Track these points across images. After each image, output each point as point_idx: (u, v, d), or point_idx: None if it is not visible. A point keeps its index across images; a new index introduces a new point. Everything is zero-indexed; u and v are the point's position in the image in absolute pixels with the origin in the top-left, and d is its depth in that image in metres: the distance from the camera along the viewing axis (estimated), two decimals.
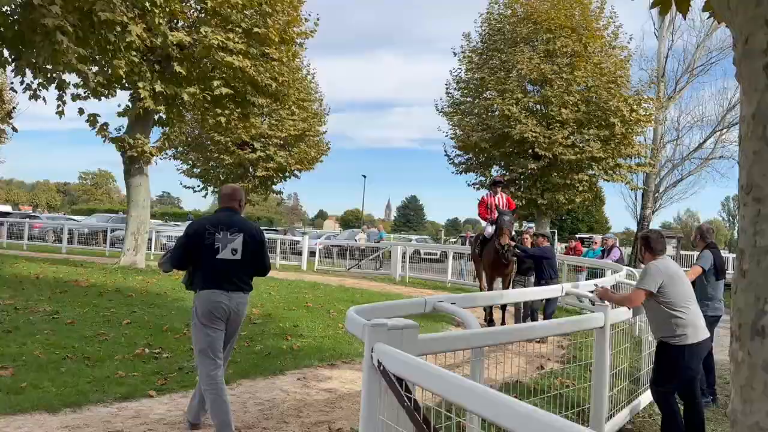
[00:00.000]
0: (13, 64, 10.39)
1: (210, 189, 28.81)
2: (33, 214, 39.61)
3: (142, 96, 14.42)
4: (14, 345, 6.78)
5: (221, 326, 4.37)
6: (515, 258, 9.67)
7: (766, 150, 2.26)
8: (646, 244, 5.15)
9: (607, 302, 5.10)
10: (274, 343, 7.68)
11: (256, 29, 15.25)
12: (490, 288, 10.01)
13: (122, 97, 43.80)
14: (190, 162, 28.70)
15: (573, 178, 22.48)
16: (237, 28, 15.04)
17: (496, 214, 9.89)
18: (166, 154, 26.89)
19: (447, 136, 24.69)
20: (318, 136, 28.97)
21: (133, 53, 13.43)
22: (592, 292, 5.43)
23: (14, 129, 16.42)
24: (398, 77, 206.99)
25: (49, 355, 6.43)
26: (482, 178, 24.60)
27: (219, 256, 4.32)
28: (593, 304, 5.18)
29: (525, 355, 7.47)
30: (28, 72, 10.44)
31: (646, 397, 5.52)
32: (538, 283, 9.19)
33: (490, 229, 10.22)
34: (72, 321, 8.36)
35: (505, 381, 5.77)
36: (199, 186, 28.90)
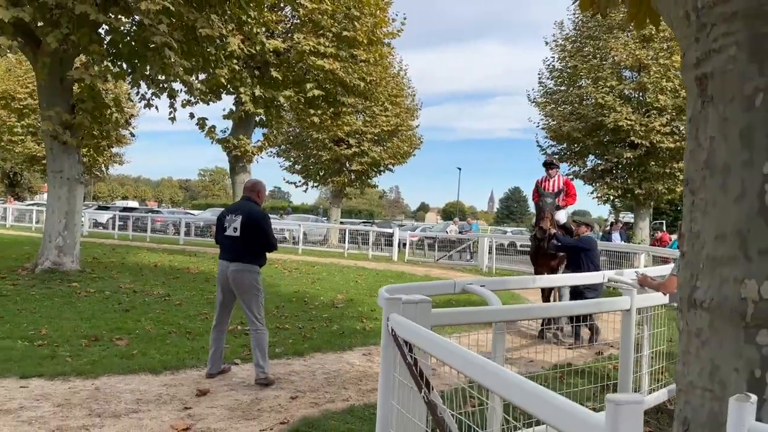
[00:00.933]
0: (130, 77, 11.89)
1: (310, 184, 30.33)
2: (155, 209, 43.31)
3: (243, 100, 15.76)
4: (131, 321, 7.99)
5: (224, 289, 5.64)
6: (558, 247, 8.38)
7: (697, 150, 2.68)
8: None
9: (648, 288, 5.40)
10: (350, 325, 8.45)
11: (345, 33, 16.13)
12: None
13: (228, 101, 46.74)
14: (292, 159, 30.38)
15: (673, 166, 21.67)
16: (327, 33, 16.00)
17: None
18: (270, 151, 28.77)
19: (538, 126, 24.55)
20: (410, 130, 29.68)
21: (235, 62, 14.71)
22: (634, 279, 5.72)
23: (132, 134, 18.37)
24: (500, 65, 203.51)
25: (158, 330, 7.56)
26: (576, 169, 24.23)
27: (225, 233, 5.58)
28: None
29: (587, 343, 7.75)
30: (142, 83, 11.91)
31: None
32: None
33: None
34: (180, 302, 9.58)
35: (557, 363, 6.18)
36: (300, 181, 30.51)
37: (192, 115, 16.66)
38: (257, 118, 17.36)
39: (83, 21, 10.00)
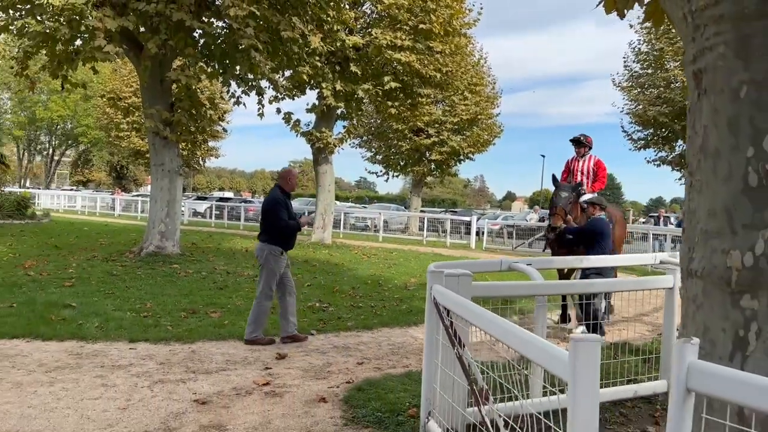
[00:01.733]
0: (222, 76, 12.94)
1: (391, 174, 31.03)
2: (249, 199, 45.49)
3: (325, 95, 16.58)
4: (224, 297, 8.92)
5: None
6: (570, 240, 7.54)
7: (694, 137, 3.05)
8: None
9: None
10: (418, 305, 8.99)
11: (421, 25, 16.56)
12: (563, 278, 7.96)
13: (312, 96, 48.25)
14: (374, 149, 31.20)
15: None
16: (404, 26, 16.50)
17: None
18: (353, 142, 29.71)
19: (622, 111, 23.99)
20: (490, 119, 29.69)
21: (317, 59, 15.53)
22: None
23: (224, 130, 19.66)
24: (592, 49, 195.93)
25: (247, 304, 8.40)
26: (663, 154, 23.52)
27: None
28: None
29: (654, 325, 7.93)
30: (232, 82, 12.93)
31: None
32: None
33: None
34: None
35: (612, 342, 6.47)
36: (381, 171, 31.29)
37: (279, 110, 17.72)
38: (338, 112, 18.15)
39: (179, 27, 11.05)
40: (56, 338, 6.28)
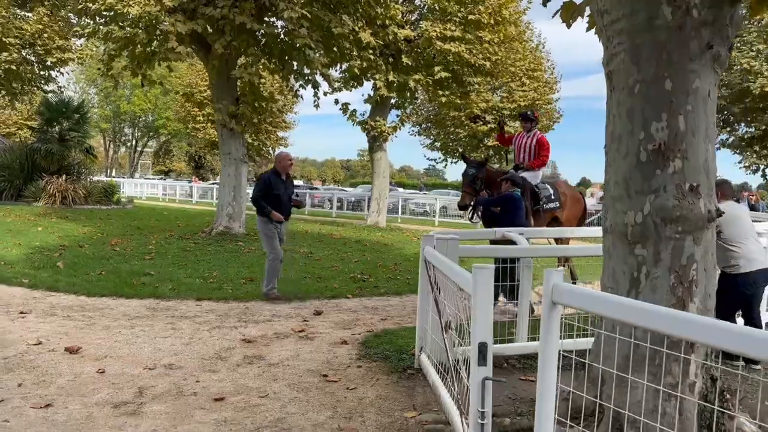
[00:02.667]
0: (281, 72, 14.19)
1: (449, 161, 31.77)
2: (314, 186, 47.33)
3: (378, 86, 17.60)
4: (280, 270, 10.13)
5: None
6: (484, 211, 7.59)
7: (608, 125, 3.89)
8: (717, 190, 6.21)
9: None
10: None
11: (471, 16, 17.27)
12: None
13: (368, 87, 49.28)
14: (432, 137, 32.00)
15: None
16: (454, 18, 17.25)
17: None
18: (412, 130, 30.62)
19: None
20: (549, 104, 29.84)
21: (371, 52, 16.55)
22: None
23: (285, 121, 20.96)
24: None
25: (298, 275, 9.61)
26: (723, 137, 23.19)
27: None
28: None
29: None
30: (291, 77, 14.15)
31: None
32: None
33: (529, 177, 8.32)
34: (319, 258, 11.67)
35: None
36: (440, 158, 32.12)
37: (337, 101, 18.90)
38: (392, 101, 19.14)
39: (242, 29, 12.31)
40: (137, 297, 7.65)
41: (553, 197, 8.30)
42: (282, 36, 12.96)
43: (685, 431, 3.41)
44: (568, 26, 4.51)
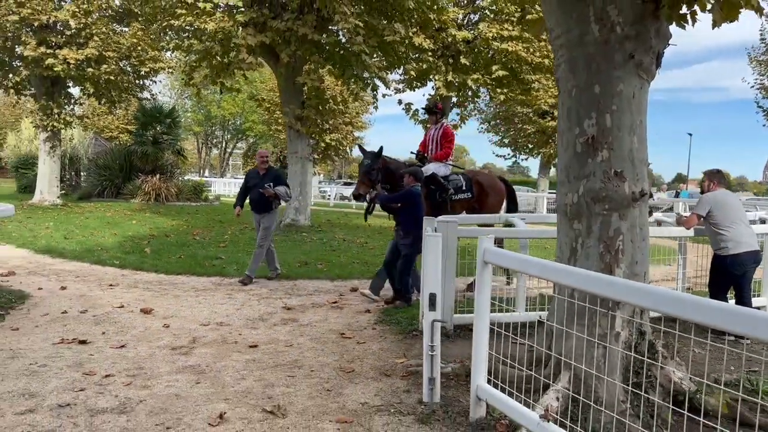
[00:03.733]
0: (342, 77, 15.36)
1: (519, 156, 32.03)
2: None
3: (437, 86, 18.46)
4: (333, 256, 11.29)
5: None
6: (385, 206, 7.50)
7: (558, 122, 4.67)
8: (709, 179, 6.75)
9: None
10: None
11: (528, 16, 17.77)
12: None
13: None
14: (501, 133, 32.37)
15: None
16: (511, 18, 17.82)
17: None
18: (481, 127, 31.13)
19: (752, 87, 23.02)
20: None
21: (429, 54, 17.45)
22: (674, 219, 7.17)
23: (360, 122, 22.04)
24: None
25: (348, 260, 10.71)
26: None
27: None
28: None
29: None
30: (351, 82, 15.29)
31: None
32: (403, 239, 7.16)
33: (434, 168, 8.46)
34: (372, 248, 12.72)
35: None
36: (509, 154, 32.43)
37: (400, 102, 19.91)
38: (453, 100, 19.92)
39: (305, 39, 13.56)
40: (206, 275, 8.98)
41: (464, 188, 8.47)
42: (341, 44, 14.09)
43: (611, 372, 4.16)
44: (538, 39, 5.28)
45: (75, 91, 22.79)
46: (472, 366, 4.04)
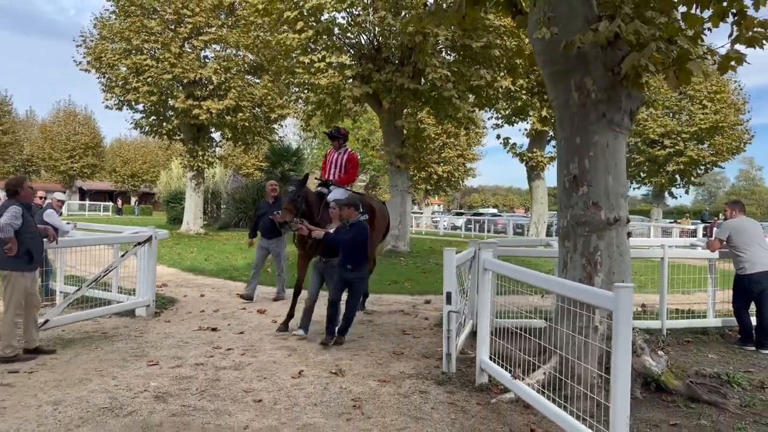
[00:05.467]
0: (436, 117, 17.09)
1: (630, 185, 31.77)
2: (497, 213, 49.34)
3: (533, 122, 19.66)
4: (422, 276, 12.87)
5: None
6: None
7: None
8: (731, 209, 7.68)
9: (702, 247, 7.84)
10: None
11: None
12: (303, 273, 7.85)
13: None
14: None
15: None
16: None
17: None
18: None
19: None
20: (737, 125, 28.64)
21: (523, 93, 18.76)
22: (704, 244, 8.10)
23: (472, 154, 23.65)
24: None
25: (434, 280, 12.25)
26: None
27: None
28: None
29: None
30: (445, 122, 16.97)
31: None
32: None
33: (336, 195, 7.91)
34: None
35: None
36: None
37: (498, 136, 21.32)
38: (549, 134, 20.97)
39: (403, 88, 15.48)
40: None
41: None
42: (435, 90, 15.86)
43: (588, 357, 5.42)
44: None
45: (216, 135, 26.39)
46: (477, 346, 5.49)
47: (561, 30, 5.48)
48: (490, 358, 5.37)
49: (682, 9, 5.59)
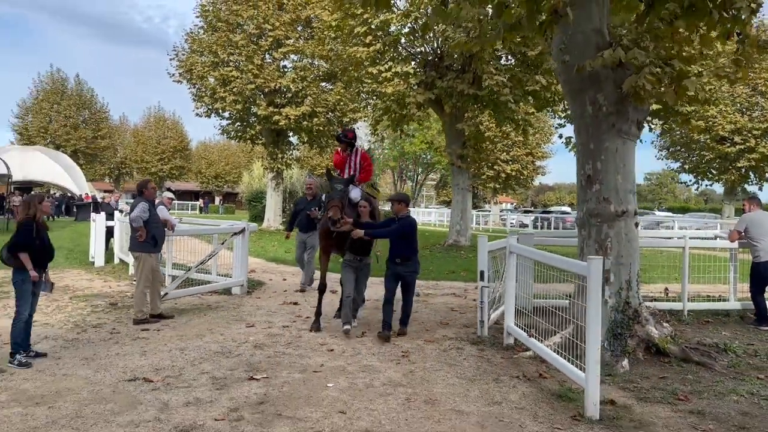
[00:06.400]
0: (495, 120, 18.18)
1: (701, 182, 31.52)
2: (567, 211, 49.27)
3: None
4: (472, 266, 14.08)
5: None
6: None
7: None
8: (748, 203, 8.55)
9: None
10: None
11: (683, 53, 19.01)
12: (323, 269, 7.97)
13: None
14: (681, 160, 32.19)
15: None
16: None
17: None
18: (660, 154, 31.44)
19: None
20: None
21: None
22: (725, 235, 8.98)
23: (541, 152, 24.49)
24: None
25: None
26: None
27: None
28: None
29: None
30: (504, 124, 18.02)
31: None
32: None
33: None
34: None
35: None
36: (691, 180, 32.05)
37: (561, 136, 22.08)
38: None
39: (462, 93, 16.70)
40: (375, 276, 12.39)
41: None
42: (493, 95, 16.99)
43: (602, 325, 6.55)
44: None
45: (294, 139, 28.41)
46: (504, 313, 6.75)
47: (577, 55, 6.64)
48: (516, 325, 6.62)
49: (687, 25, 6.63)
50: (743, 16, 6.43)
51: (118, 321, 7.68)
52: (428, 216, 48.95)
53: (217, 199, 68.65)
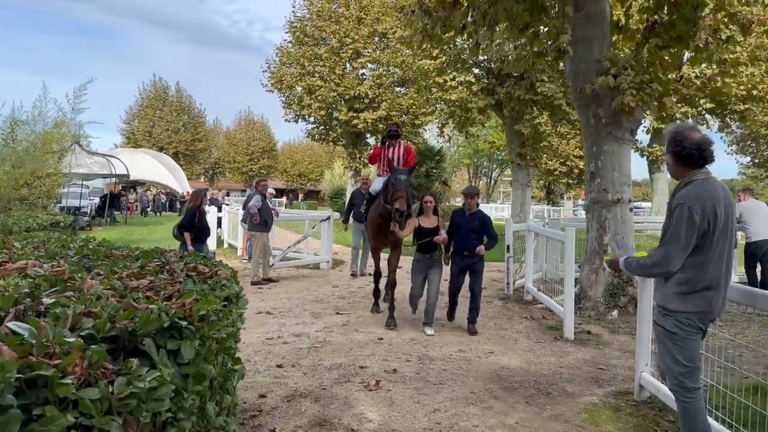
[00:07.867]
0: (552, 120, 19.93)
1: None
2: (638, 206, 49.28)
3: (651, 120, 21.70)
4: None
5: None
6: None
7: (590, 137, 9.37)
8: (743, 193, 10.22)
9: None
10: None
11: (730, 56, 20.09)
12: (377, 261, 8.49)
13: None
14: (751, 154, 32.31)
15: None
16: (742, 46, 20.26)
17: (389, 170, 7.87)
18: (727, 150, 31.82)
19: None
20: None
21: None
22: None
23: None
24: None
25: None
26: None
27: None
28: None
29: None
30: (559, 125, 19.75)
31: None
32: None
33: (378, 185, 8.23)
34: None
35: None
36: (763, 174, 32.08)
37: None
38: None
39: (520, 98, 18.61)
40: None
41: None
42: (548, 98, 18.78)
43: (598, 286, 8.57)
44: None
45: (371, 140, 31.02)
46: (525, 279, 8.87)
47: (582, 80, 8.67)
48: (533, 285, 8.75)
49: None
50: (711, 47, 8.28)
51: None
52: (502, 212, 50.50)
53: (300, 196, 72.83)
